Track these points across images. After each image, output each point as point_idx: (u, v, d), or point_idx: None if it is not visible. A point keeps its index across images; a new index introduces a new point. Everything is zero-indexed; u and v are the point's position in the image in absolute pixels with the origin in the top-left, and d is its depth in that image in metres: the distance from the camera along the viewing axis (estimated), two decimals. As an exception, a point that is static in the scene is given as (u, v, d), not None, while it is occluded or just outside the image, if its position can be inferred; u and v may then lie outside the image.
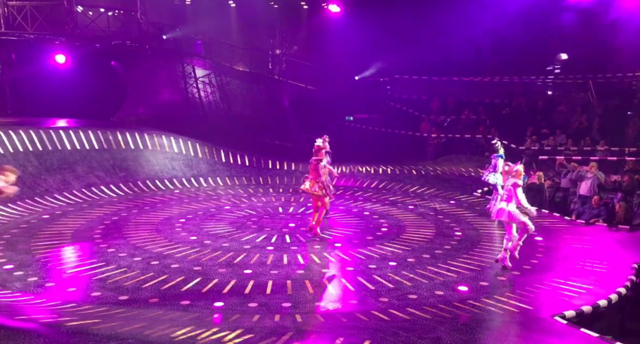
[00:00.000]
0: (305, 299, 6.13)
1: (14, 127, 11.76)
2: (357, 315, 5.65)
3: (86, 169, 12.12)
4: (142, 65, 17.06)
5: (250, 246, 8.16)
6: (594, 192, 10.38)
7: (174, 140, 14.13)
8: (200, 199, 11.71)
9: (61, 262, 7.45)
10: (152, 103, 17.43)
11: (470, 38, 16.83)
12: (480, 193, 12.33)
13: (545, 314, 5.73)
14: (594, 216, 9.83)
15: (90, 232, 8.82)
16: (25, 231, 8.82)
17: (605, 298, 6.10)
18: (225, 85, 18.52)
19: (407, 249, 8.12)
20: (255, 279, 6.73)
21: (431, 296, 6.26)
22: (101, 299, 6.07)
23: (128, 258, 7.55)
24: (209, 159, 14.30)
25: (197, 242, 8.35)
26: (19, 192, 9.89)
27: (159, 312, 5.67)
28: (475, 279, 6.86)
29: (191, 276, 6.81)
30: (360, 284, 6.65)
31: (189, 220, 9.77)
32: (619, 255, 7.77)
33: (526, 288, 6.49)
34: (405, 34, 18.81)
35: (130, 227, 9.21)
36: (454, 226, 9.50)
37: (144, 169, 13.14)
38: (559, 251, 8.10)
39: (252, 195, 12.16)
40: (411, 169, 15.19)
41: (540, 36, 17.55)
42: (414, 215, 10.36)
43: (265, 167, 14.77)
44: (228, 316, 5.61)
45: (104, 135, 12.98)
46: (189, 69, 18.04)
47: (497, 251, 7.92)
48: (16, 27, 14.96)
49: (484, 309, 5.88)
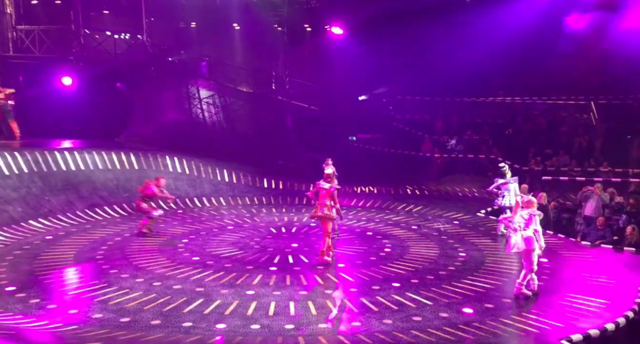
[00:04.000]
0: (309, 321, 6.06)
1: (19, 149, 11.87)
2: (361, 337, 5.58)
3: (90, 190, 12.16)
4: (147, 87, 17.30)
5: (253, 267, 8.11)
6: (599, 213, 10.32)
7: (177, 160, 14.20)
8: (203, 219, 11.70)
9: (63, 283, 7.41)
10: (156, 124, 17.60)
11: (472, 59, 17.05)
12: (484, 213, 12.28)
13: (552, 337, 5.64)
14: (599, 237, 9.75)
15: (92, 253, 8.80)
16: (28, 252, 8.80)
17: (613, 321, 6.00)
18: (229, 105, 18.71)
19: (410, 270, 8.05)
20: (257, 300, 6.67)
21: (435, 318, 6.18)
22: (103, 322, 6.01)
23: (130, 279, 7.51)
24: (212, 179, 14.34)
25: (199, 263, 8.31)
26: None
27: (160, 334, 5.61)
28: (480, 301, 6.77)
29: (193, 297, 6.75)
30: (364, 305, 6.57)
31: (191, 240, 9.75)
32: (626, 277, 7.68)
33: (532, 311, 6.40)
34: (408, 55, 19.08)
35: (132, 248, 9.18)
36: (458, 247, 9.43)
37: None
38: (565, 273, 8.01)
39: (255, 215, 12.14)
40: (414, 189, 15.18)
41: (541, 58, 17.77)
42: (418, 235, 10.31)
43: (269, 187, 14.79)
44: (230, 338, 5.55)
45: (108, 155, 13.07)
46: (194, 90, 18.27)
47: (503, 273, 7.85)
48: (24, 50, 15.27)
49: (489, 332, 5.79)
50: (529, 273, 6.78)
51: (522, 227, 6.75)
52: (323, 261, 8.21)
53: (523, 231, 6.73)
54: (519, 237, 6.73)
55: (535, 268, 6.77)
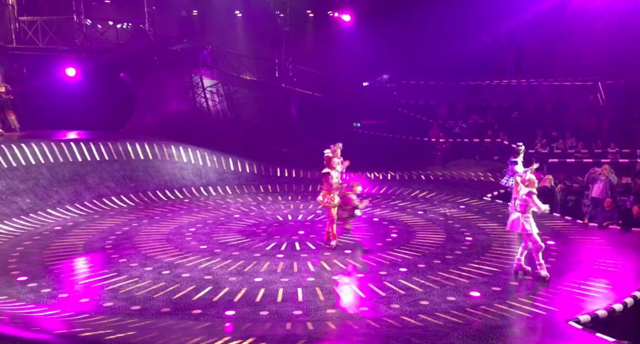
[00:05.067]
0: (317, 307, 6.11)
1: (26, 141, 11.94)
2: (369, 322, 5.62)
3: (97, 180, 12.23)
4: (151, 77, 17.25)
5: (260, 254, 8.17)
6: (607, 195, 10.26)
7: (182, 150, 14.23)
8: (209, 208, 11.75)
9: (74, 273, 7.51)
10: (160, 113, 17.60)
11: (477, 43, 16.86)
12: (490, 197, 12.24)
13: (560, 319, 5.66)
14: (607, 219, 9.71)
15: (101, 243, 8.89)
16: (38, 242, 8.91)
17: (621, 301, 6.01)
18: (233, 94, 18.65)
19: (417, 255, 8.08)
20: (265, 287, 6.73)
21: (443, 302, 6.21)
22: (113, 310, 6.10)
23: (139, 267, 7.59)
24: (217, 168, 14.38)
25: (207, 251, 8.37)
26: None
27: (171, 321, 5.68)
28: (488, 284, 6.80)
29: (202, 285, 6.83)
30: (372, 291, 6.62)
31: (199, 229, 9.81)
32: (633, 258, 7.66)
33: (540, 293, 6.42)
34: (412, 39, 18.88)
35: (141, 237, 9.26)
36: (464, 231, 9.44)
37: (154, 179, 13.23)
38: (572, 255, 8.00)
39: (261, 203, 12.19)
40: (420, 175, 15.14)
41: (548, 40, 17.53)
42: (424, 220, 10.31)
43: (274, 175, 14.80)
44: (239, 325, 5.61)
45: (113, 146, 13.12)
46: (197, 79, 18.20)
47: (510, 256, 7.86)
48: (27, 41, 15.23)
49: (496, 314, 5.82)
50: (538, 252, 6.78)
51: (520, 210, 6.78)
52: (328, 241, 8.31)
53: (521, 214, 6.76)
54: (518, 215, 6.77)
55: (542, 246, 6.79)
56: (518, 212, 6.87)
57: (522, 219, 6.77)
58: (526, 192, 6.79)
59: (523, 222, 6.76)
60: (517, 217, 6.85)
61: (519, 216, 6.81)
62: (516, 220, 6.85)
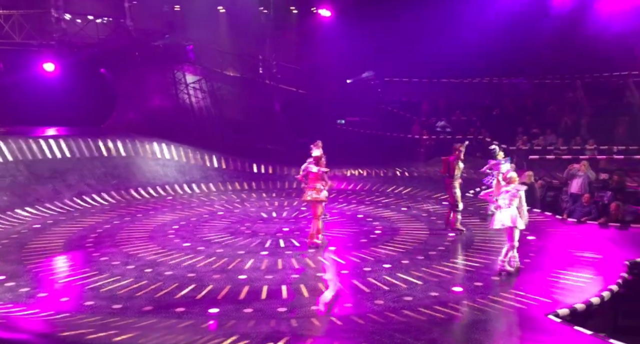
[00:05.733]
0: (301, 304, 6.12)
1: (3, 137, 11.66)
2: (353, 318, 5.65)
3: (77, 178, 12.02)
4: (132, 72, 16.98)
5: (245, 252, 8.13)
6: (585, 191, 10.47)
7: (165, 146, 14.07)
8: (193, 205, 11.65)
9: (53, 272, 7.38)
10: (142, 110, 17.36)
11: (459, 40, 16.99)
12: (473, 194, 12.38)
13: (539, 313, 5.76)
14: (585, 214, 9.91)
15: (82, 241, 8.75)
16: (16, 241, 8.72)
17: (598, 295, 6.15)
18: (216, 90, 18.49)
19: (401, 251, 8.14)
20: (250, 284, 6.71)
21: (426, 297, 6.28)
22: (94, 309, 6.01)
23: (121, 266, 7.50)
24: (201, 165, 14.26)
25: (190, 249, 8.31)
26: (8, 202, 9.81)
27: (153, 320, 5.63)
28: (470, 279, 6.89)
29: (185, 283, 6.77)
30: (356, 287, 6.65)
31: (182, 227, 9.72)
32: (610, 252, 7.84)
33: (520, 287, 6.53)
34: (396, 36, 18.96)
35: (123, 235, 9.14)
36: (447, 227, 9.52)
37: (136, 176, 13.07)
38: (551, 250, 8.15)
39: (245, 200, 12.13)
40: (403, 171, 15.24)
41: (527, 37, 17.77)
42: (407, 217, 10.39)
43: (258, 172, 14.75)
44: (223, 323, 5.59)
45: (94, 143, 12.90)
46: (180, 75, 17.99)
47: (492, 251, 7.97)
48: (4, 36, 14.85)
49: (478, 309, 5.90)
50: (511, 250, 6.91)
51: (507, 205, 6.86)
52: (313, 243, 8.29)
53: (508, 208, 6.85)
54: (504, 214, 6.84)
55: (516, 245, 6.89)
56: (502, 208, 6.93)
57: (508, 214, 6.81)
58: (515, 188, 6.83)
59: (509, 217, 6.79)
60: (500, 214, 6.91)
61: (503, 212, 6.89)
62: (499, 216, 6.92)
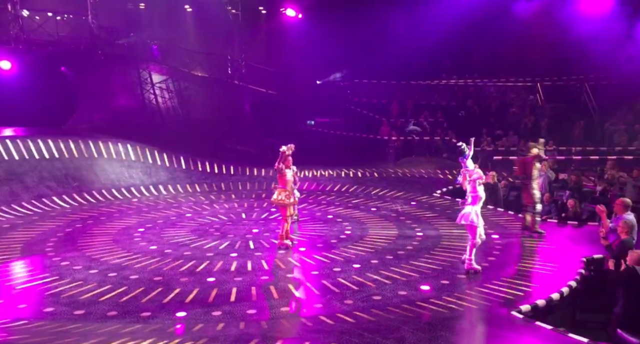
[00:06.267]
0: (271, 305, 6.08)
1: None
2: (323, 319, 5.66)
3: (36, 180, 11.57)
4: (95, 71, 16.50)
5: (213, 254, 8.02)
6: (545, 190, 10.83)
7: (130, 147, 13.71)
8: (160, 207, 11.41)
9: (10, 277, 7.06)
10: (106, 110, 16.86)
11: (426, 43, 17.32)
12: (440, 194, 12.64)
13: (503, 309, 5.92)
14: (545, 213, 10.25)
15: (41, 246, 8.42)
16: (-30, 246, 8.31)
17: (558, 291, 6.37)
18: (184, 90, 18.19)
19: (370, 251, 8.21)
20: (218, 287, 6.62)
21: (395, 296, 6.35)
22: (55, 315, 5.79)
23: (83, 270, 7.25)
24: (168, 167, 13.98)
25: (157, 252, 8.12)
26: None
27: (117, 325, 5.47)
28: (437, 278, 7.00)
29: (151, 287, 6.61)
30: (325, 287, 6.66)
31: (148, 229, 9.50)
32: (569, 249, 8.15)
33: (485, 285, 6.69)
34: (363, 38, 19.15)
35: (85, 238, 8.85)
36: (415, 227, 9.68)
37: (99, 178, 12.69)
38: (514, 248, 8.40)
39: (214, 202, 11.96)
40: (372, 172, 15.39)
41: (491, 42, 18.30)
42: (377, 217, 10.49)
43: (227, 173, 14.58)
44: (191, 326, 5.48)
45: (54, 144, 12.45)
46: (145, 75, 17.60)
47: (458, 250, 8.14)
48: (-43, 31, 14.19)
49: (445, 307, 6.01)
50: (473, 248, 7.08)
51: (471, 203, 7.05)
52: (283, 244, 8.26)
53: (472, 206, 7.03)
54: (466, 210, 7.03)
55: (478, 242, 7.08)
56: (469, 205, 7.12)
57: (471, 212, 7.01)
58: (473, 180, 7.06)
59: (469, 214, 7.00)
60: (467, 211, 7.09)
61: (469, 209, 7.06)
62: (467, 213, 7.09)
